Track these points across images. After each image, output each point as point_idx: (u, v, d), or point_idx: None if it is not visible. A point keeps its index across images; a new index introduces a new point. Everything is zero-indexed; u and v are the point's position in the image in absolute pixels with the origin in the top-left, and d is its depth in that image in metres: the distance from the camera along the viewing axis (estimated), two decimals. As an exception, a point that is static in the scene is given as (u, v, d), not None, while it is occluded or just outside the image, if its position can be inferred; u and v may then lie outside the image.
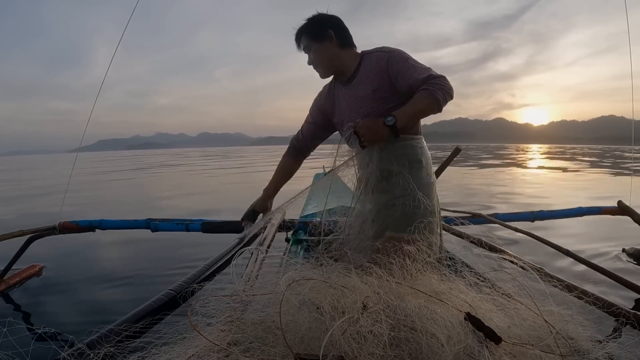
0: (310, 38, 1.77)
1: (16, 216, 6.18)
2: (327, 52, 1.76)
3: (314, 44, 1.77)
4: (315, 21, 1.78)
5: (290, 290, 0.92)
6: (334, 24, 1.77)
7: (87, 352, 0.81)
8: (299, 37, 1.80)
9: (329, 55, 1.76)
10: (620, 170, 14.67)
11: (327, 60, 1.78)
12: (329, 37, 1.74)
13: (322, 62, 1.79)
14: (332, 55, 1.76)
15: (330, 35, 1.74)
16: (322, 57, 1.78)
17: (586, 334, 0.99)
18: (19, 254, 2.61)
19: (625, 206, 2.74)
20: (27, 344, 0.86)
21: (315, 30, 1.76)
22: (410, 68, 1.62)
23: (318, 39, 1.75)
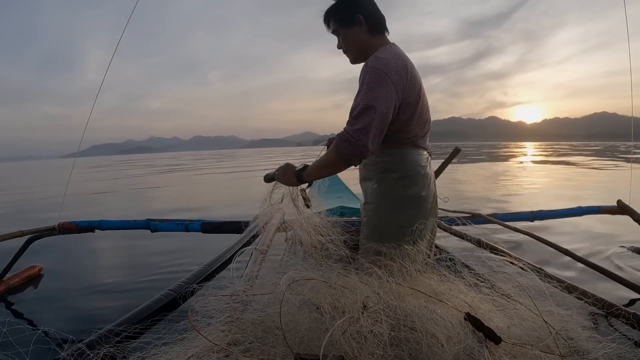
0: (337, 22, 1.64)
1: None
2: (356, 38, 1.63)
3: (341, 28, 1.64)
4: (344, 4, 1.63)
5: (290, 290, 0.92)
6: (364, 8, 1.62)
7: (86, 352, 0.81)
8: (327, 20, 1.68)
9: (358, 41, 1.63)
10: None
11: (356, 46, 1.65)
12: (358, 22, 1.60)
13: (351, 48, 1.67)
14: (362, 42, 1.63)
15: (359, 20, 1.59)
16: (351, 43, 1.65)
17: (586, 334, 0.99)
18: (19, 255, 2.61)
19: (624, 205, 2.74)
20: (27, 344, 0.86)
21: (343, 13, 1.62)
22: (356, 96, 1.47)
23: (346, 23, 1.62)
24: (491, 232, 3.24)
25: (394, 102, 1.43)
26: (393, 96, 1.43)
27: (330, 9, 1.66)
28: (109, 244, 3.86)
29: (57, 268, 3.14)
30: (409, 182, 1.58)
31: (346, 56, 1.71)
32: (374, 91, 1.41)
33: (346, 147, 1.40)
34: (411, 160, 1.59)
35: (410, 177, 1.58)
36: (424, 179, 1.60)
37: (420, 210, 1.59)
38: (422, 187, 1.60)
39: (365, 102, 1.40)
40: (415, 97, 1.51)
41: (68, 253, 3.62)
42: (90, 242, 3.76)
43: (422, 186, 1.60)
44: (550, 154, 26.43)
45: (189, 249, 3.57)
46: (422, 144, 1.62)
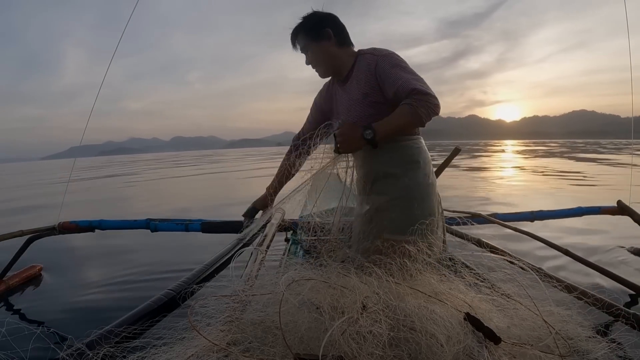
0: (307, 38, 1.71)
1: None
2: (326, 51, 1.70)
3: (312, 43, 1.71)
4: (313, 20, 1.71)
5: (290, 290, 0.92)
6: (332, 22, 1.71)
7: (86, 352, 0.81)
8: (295, 37, 1.75)
9: (328, 54, 1.71)
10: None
11: (327, 59, 1.73)
12: (327, 36, 1.68)
13: (321, 62, 1.74)
14: (331, 55, 1.71)
15: (328, 34, 1.68)
16: (321, 57, 1.72)
17: (585, 334, 0.99)
18: (19, 255, 2.60)
19: (624, 206, 2.74)
20: (27, 344, 0.86)
21: (312, 29, 1.70)
22: (397, 75, 1.56)
23: (316, 38, 1.70)
24: (491, 232, 3.26)
25: None
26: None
27: (299, 26, 1.73)
28: (108, 243, 3.85)
29: (57, 268, 3.15)
30: (429, 171, 1.67)
31: (315, 71, 1.78)
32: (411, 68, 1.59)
33: (427, 109, 1.49)
34: (425, 149, 1.69)
35: (428, 166, 1.67)
36: (431, 167, 1.71)
37: (436, 197, 1.68)
38: (433, 174, 1.69)
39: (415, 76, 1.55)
40: None
41: (68, 253, 3.62)
42: (90, 242, 3.76)
43: (433, 174, 1.70)
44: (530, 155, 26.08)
45: (189, 249, 3.57)
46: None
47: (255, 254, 1.45)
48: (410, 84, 1.51)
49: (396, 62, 1.59)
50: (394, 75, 1.55)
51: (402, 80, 1.53)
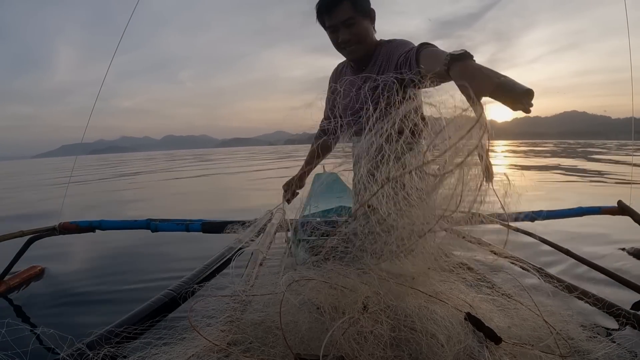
0: (356, 10, 1.60)
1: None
2: (368, 30, 1.65)
3: (358, 17, 1.61)
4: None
5: (290, 290, 0.92)
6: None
7: (86, 352, 0.81)
8: (335, 6, 1.59)
9: (369, 33, 1.65)
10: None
11: (368, 38, 1.66)
12: (371, 15, 1.64)
13: (360, 39, 1.65)
14: (370, 35, 1.66)
15: (373, 14, 1.64)
16: (362, 33, 1.64)
17: (586, 334, 0.99)
18: (19, 255, 2.60)
19: (625, 206, 2.74)
20: (27, 345, 0.86)
21: (365, 3, 1.62)
22: (410, 45, 1.51)
23: (366, 13, 1.62)
24: (491, 232, 3.26)
25: None
26: None
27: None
28: (109, 244, 3.85)
29: (57, 268, 3.14)
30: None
31: (345, 50, 1.69)
32: None
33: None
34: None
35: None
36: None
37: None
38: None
39: None
40: None
41: (69, 253, 3.62)
42: (91, 242, 3.76)
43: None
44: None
45: (190, 249, 3.57)
46: None
47: (255, 254, 1.45)
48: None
49: (409, 46, 1.52)
50: (409, 45, 1.53)
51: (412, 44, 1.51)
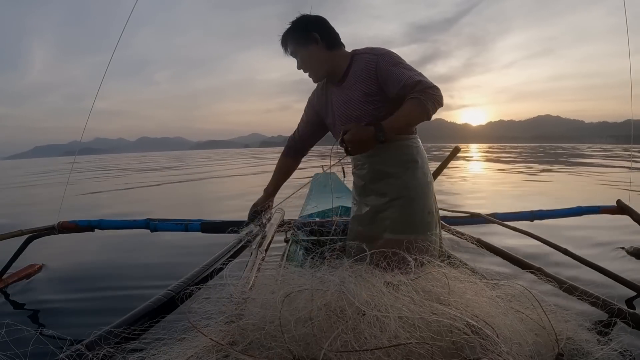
0: (295, 43, 1.72)
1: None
2: (315, 55, 1.71)
3: (300, 48, 1.72)
4: (299, 25, 1.72)
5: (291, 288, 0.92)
6: (319, 26, 1.72)
7: (85, 352, 0.81)
8: (285, 43, 1.76)
9: (317, 58, 1.72)
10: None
11: (316, 64, 1.74)
12: (314, 40, 1.68)
13: (311, 66, 1.75)
14: (321, 59, 1.72)
15: (315, 38, 1.68)
16: (310, 61, 1.74)
17: (586, 334, 0.99)
18: (18, 254, 2.60)
19: (624, 205, 2.74)
20: (26, 345, 0.86)
21: (299, 34, 1.71)
22: (400, 73, 1.57)
23: (303, 43, 1.70)
24: (491, 232, 3.26)
25: None
26: None
27: (287, 32, 1.73)
28: (108, 243, 3.85)
29: (56, 267, 3.14)
30: (427, 170, 1.71)
31: (308, 75, 1.79)
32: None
33: (434, 101, 1.51)
34: (422, 148, 1.73)
35: (426, 164, 1.72)
36: (428, 165, 1.75)
37: (434, 195, 1.73)
38: (430, 173, 1.74)
39: (416, 71, 1.59)
40: None
41: (67, 252, 3.61)
42: (90, 241, 3.76)
43: (430, 172, 1.74)
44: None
45: (189, 249, 3.57)
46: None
47: (254, 254, 1.45)
48: (414, 79, 1.53)
49: (396, 60, 1.61)
50: (397, 73, 1.57)
51: (406, 76, 1.55)
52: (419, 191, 1.65)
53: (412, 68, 1.60)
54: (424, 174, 1.68)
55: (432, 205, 1.69)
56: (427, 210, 1.65)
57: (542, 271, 1.50)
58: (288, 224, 2.53)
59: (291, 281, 1.00)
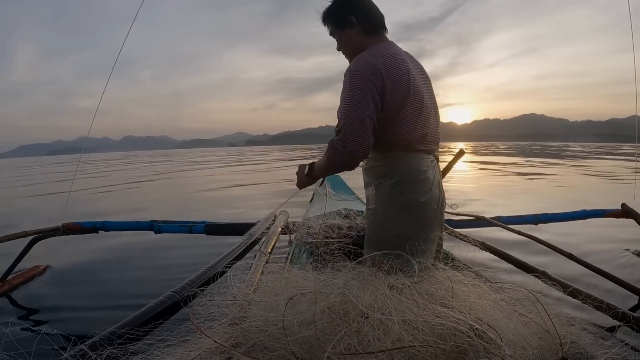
0: (332, 24, 1.64)
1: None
2: (350, 39, 1.62)
3: (336, 31, 1.64)
4: (336, 6, 1.62)
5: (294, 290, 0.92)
6: (356, 8, 1.59)
7: (89, 353, 0.81)
8: (324, 22, 1.67)
9: (352, 42, 1.62)
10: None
11: (351, 48, 1.63)
12: (350, 24, 1.58)
13: (347, 50, 1.66)
14: (356, 43, 1.60)
15: (351, 22, 1.58)
16: (346, 44, 1.64)
17: (590, 338, 0.99)
18: (23, 255, 2.61)
19: (629, 209, 2.73)
20: (30, 345, 0.87)
21: (336, 15, 1.62)
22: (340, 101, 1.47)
23: (340, 25, 1.61)
24: (495, 235, 3.25)
25: (373, 103, 1.41)
26: (370, 98, 1.41)
27: (325, 12, 1.65)
28: (112, 245, 3.86)
29: (60, 269, 3.15)
30: (405, 188, 1.50)
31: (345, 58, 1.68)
32: (352, 96, 1.41)
33: (336, 155, 1.42)
34: (406, 164, 1.51)
35: (406, 183, 1.50)
36: (423, 184, 1.51)
37: (420, 218, 1.50)
38: (421, 193, 1.50)
39: (344, 109, 1.42)
40: (400, 98, 1.44)
41: (72, 254, 3.62)
42: (94, 243, 3.77)
43: (420, 192, 1.50)
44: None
45: (193, 251, 3.57)
46: (421, 146, 1.53)
47: (258, 256, 1.45)
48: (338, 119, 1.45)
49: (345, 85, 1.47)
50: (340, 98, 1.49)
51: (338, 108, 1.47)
52: (388, 209, 1.52)
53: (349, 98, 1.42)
54: (400, 192, 1.50)
55: (406, 229, 1.48)
56: (397, 233, 1.48)
57: (546, 275, 1.50)
58: (292, 226, 2.53)
59: (295, 284, 1.01)
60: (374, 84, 1.41)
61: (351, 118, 1.39)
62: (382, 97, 1.42)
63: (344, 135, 1.39)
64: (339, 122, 1.42)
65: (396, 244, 1.40)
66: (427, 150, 1.55)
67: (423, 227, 1.50)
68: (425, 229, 1.50)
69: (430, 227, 1.52)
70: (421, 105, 1.50)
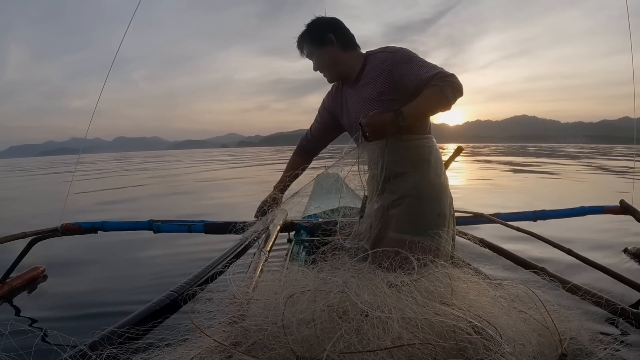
0: (311, 44, 1.76)
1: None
2: (330, 56, 1.75)
3: (315, 50, 1.76)
4: (315, 27, 1.76)
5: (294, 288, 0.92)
6: (334, 27, 1.76)
7: (89, 353, 0.81)
8: (301, 45, 1.80)
9: (332, 59, 1.75)
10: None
11: (331, 64, 1.77)
12: (329, 42, 1.73)
13: (326, 67, 1.79)
14: (336, 59, 1.75)
15: (330, 39, 1.73)
16: (326, 62, 1.77)
17: (589, 334, 0.99)
18: (22, 256, 2.60)
19: (627, 205, 2.73)
20: (29, 346, 0.87)
21: (315, 36, 1.75)
22: (416, 67, 1.58)
23: (319, 44, 1.74)
24: (494, 232, 3.25)
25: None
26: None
27: (302, 34, 1.77)
28: (111, 245, 3.86)
29: (60, 269, 3.15)
30: (440, 170, 1.70)
31: (323, 76, 1.83)
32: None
33: (454, 89, 1.50)
34: (437, 148, 1.73)
35: (439, 165, 1.71)
36: (444, 166, 1.75)
37: (448, 198, 1.69)
38: (445, 174, 1.73)
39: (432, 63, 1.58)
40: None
41: (71, 254, 3.62)
42: (93, 243, 3.77)
43: (444, 173, 1.73)
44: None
45: (192, 250, 3.57)
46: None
47: (257, 255, 1.45)
48: (432, 70, 1.54)
49: (410, 55, 1.63)
50: (414, 69, 1.59)
51: (423, 69, 1.56)
52: (429, 191, 1.63)
53: (427, 62, 1.60)
54: (436, 174, 1.67)
55: (444, 207, 1.65)
56: (437, 212, 1.62)
57: (545, 271, 1.50)
58: (291, 225, 2.53)
59: (294, 282, 1.01)
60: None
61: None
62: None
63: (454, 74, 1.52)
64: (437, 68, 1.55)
65: (438, 222, 1.59)
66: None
67: (450, 205, 1.70)
68: (451, 208, 1.70)
69: (452, 205, 1.72)
70: None
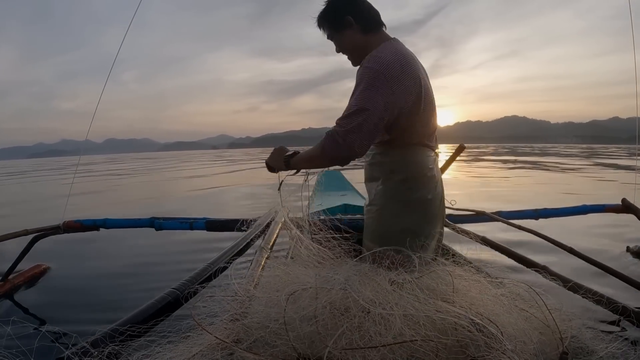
0: (329, 27, 1.61)
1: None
2: (350, 40, 1.59)
3: (334, 33, 1.61)
4: (332, 8, 1.59)
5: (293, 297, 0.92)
6: (353, 8, 1.56)
7: (91, 350, 0.81)
8: (320, 26, 1.64)
9: (352, 43, 1.59)
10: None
11: (352, 48, 1.61)
12: (348, 24, 1.56)
13: (348, 51, 1.63)
14: (356, 43, 1.58)
15: (349, 22, 1.55)
16: (347, 46, 1.61)
17: (590, 332, 0.99)
18: (24, 254, 2.61)
19: (629, 204, 2.72)
20: (31, 343, 0.87)
21: (332, 18, 1.59)
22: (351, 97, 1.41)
23: (337, 27, 1.58)
24: (495, 230, 3.25)
25: (390, 103, 1.37)
26: (390, 97, 1.37)
27: (320, 15, 1.62)
28: (113, 242, 3.87)
29: (62, 267, 3.16)
30: (414, 185, 1.52)
31: (347, 58, 1.65)
32: (369, 92, 1.36)
33: (333, 146, 1.36)
34: (417, 161, 1.54)
35: (414, 180, 1.53)
36: (430, 181, 1.55)
37: (426, 215, 1.54)
38: (428, 190, 1.54)
39: (358, 103, 1.35)
40: (415, 95, 1.44)
41: (73, 252, 3.63)
42: (95, 240, 3.77)
43: (428, 189, 1.54)
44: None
45: (193, 247, 3.58)
46: (430, 143, 1.56)
47: (259, 252, 1.45)
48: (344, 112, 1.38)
49: (360, 80, 1.42)
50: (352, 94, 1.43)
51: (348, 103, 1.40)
52: (394, 204, 1.53)
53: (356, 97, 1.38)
54: (408, 188, 1.52)
55: (414, 224, 1.51)
56: (402, 228, 1.49)
57: (546, 269, 1.50)
58: (292, 222, 2.53)
59: (296, 279, 1.01)
60: (395, 82, 1.38)
61: (368, 116, 1.34)
62: (402, 95, 1.40)
63: (354, 129, 1.33)
64: (350, 114, 1.35)
65: (401, 238, 1.39)
66: (431, 146, 1.58)
67: (427, 223, 1.53)
68: (428, 225, 1.53)
69: (433, 223, 1.55)
70: (431, 99, 1.52)
